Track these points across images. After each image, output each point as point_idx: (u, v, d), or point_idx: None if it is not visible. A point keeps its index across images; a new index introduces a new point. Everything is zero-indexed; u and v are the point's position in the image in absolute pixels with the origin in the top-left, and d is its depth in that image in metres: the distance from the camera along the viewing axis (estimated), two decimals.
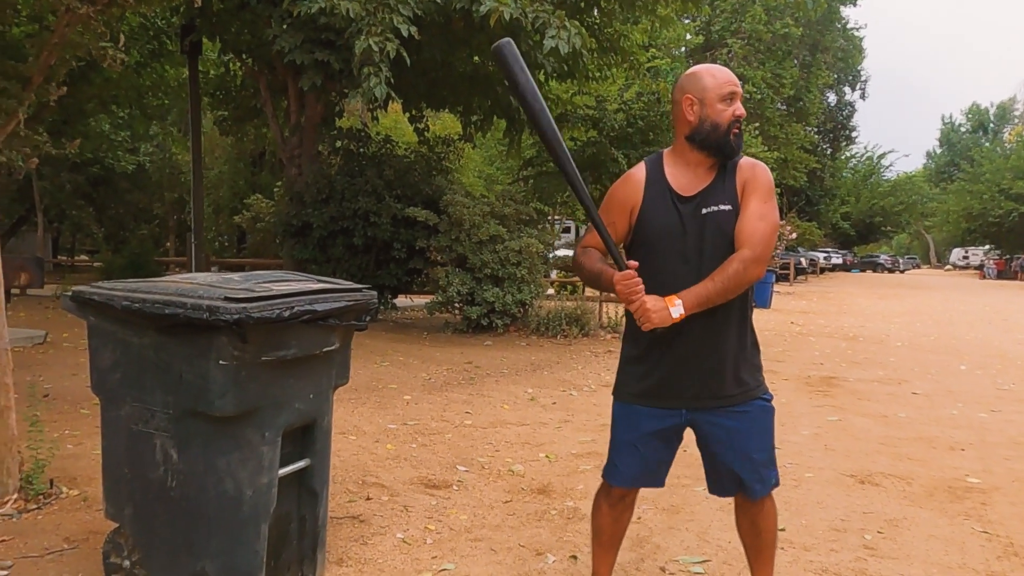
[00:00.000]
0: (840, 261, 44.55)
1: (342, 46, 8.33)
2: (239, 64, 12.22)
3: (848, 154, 47.84)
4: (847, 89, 44.21)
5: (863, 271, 47.74)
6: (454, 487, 3.71)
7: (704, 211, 2.10)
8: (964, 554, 3.00)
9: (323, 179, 10.36)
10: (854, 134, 46.17)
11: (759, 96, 25.89)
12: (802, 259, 31.99)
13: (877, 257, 53.07)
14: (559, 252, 16.40)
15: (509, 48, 2.11)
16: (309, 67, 8.78)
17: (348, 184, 10.14)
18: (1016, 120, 63.56)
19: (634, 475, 2.26)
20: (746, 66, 26.48)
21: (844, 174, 46.91)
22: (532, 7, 7.43)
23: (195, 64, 12.63)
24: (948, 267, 58.28)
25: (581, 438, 4.70)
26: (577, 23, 7.79)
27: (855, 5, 41.64)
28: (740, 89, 2.14)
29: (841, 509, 3.49)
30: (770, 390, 2.24)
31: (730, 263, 2.02)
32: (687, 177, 2.15)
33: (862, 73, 43.87)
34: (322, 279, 2.70)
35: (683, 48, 25.49)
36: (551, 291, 13.15)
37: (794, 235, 26.43)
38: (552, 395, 6.07)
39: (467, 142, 13.23)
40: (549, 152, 2.17)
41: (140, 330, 2.27)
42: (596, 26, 10.42)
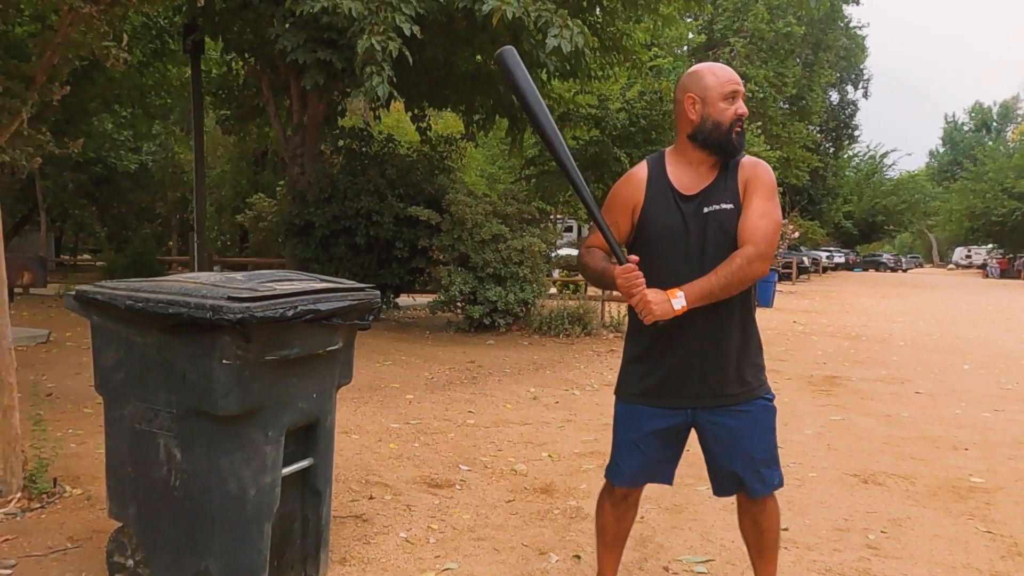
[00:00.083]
0: (843, 260, 44.54)
1: (344, 45, 8.34)
2: (241, 63, 12.23)
3: (851, 153, 47.79)
4: (850, 88, 44.20)
5: (866, 270, 47.72)
6: (457, 486, 3.71)
7: (706, 210, 2.09)
8: (968, 554, 2.99)
9: (325, 178, 10.37)
10: (856, 133, 46.15)
11: (761, 95, 25.86)
12: (804, 258, 31.96)
13: (880, 256, 53.05)
14: (561, 251, 16.39)
15: (511, 55, 2.15)
16: (311, 66, 8.79)
17: (350, 183, 10.14)
18: (1019, 119, 63.48)
19: (636, 474, 2.25)
20: (748, 65, 26.46)
21: (847, 173, 46.85)
22: (534, 6, 7.42)
23: (197, 63, 12.64)
24: (951, 266, 58.19)
25: (584, 437, 4.70)
26: (579, 22, 7.78)
27: (857, 3, 41.62)
28: (742, 88, 2.13)
29: (844, 509, 3.48)
30: (773, 389, 2.23)
31: (733, 258, 2.01)
32: (689, 176, 2.15)
33: (865, 72, 43.85)
34: (325, 278, 2.69)
35: (685, 47, 25.47)
36: (553, 290, 13.14)
37: (796, 234, 26.39)
38: (555, 394, 6.07)
39: (469, 141, 13.23)
40: (552, 154, 2.19)
41: (144, 329, 2.27)
42: (598, 25, 10.41)
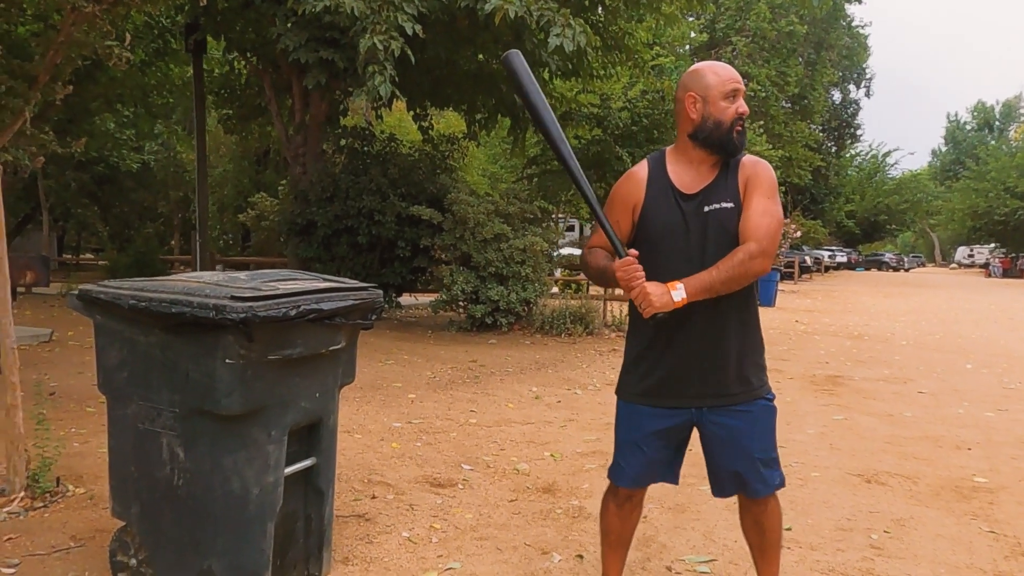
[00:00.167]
0: (845, 259, 44.52)
1: (346, 44, 8.34)
2: (243, 63, 12.23)
3: (853, 152, 47.73)
4: (852, 87, 44.16)
5: (868, 269, 47.69)
6: (459, 486, 3.71)
7: (706, 209, 2.09)
8: (971, 554, 2.99)
9: (327, 177, 10.37)
10: (859, 132, 46.09)
11: (764, 94, 25.85)
12: (807, 257, 31.94)
13: (882, 255, 53.01)
14: (563, 250, 16.38)
15: (517, 58, 2.16)
16: (313, 65, 8.79)
17: (352, 183, 10.15)
18: (1022, 118, 63.36)
19: (639, 475, 2.25)
20: (751, 64, 26.44)
21: (849, 172, 46.80)
22: (536, 5, 7.41)
23: (199, 62, 12.66)
24: (953, 265, 58.11)
25: (586, 437, 4.69)
26: (582, 21, 7.78)
27: (860, 2, 41.60)
28: (743, 86, 2.13)
29: (847, 508, 3.48)
30: (775, 389, 2.23)
31: (735, 253, 2.01)
32: (690, 175, 2.14)
33: (867, 71, 43.80)
34: (328, 278, 2.69)
35: (687, 46, 25.45)
36: (555, 289, 13.13)
37: (799, 233, 26.34)
38: (557, 394, 6.07)
39: (471, 140, 13.23)
40: (555, 155, 2.20)
41: (147, 329, 2.27)
42: (600, 24, 10.40)
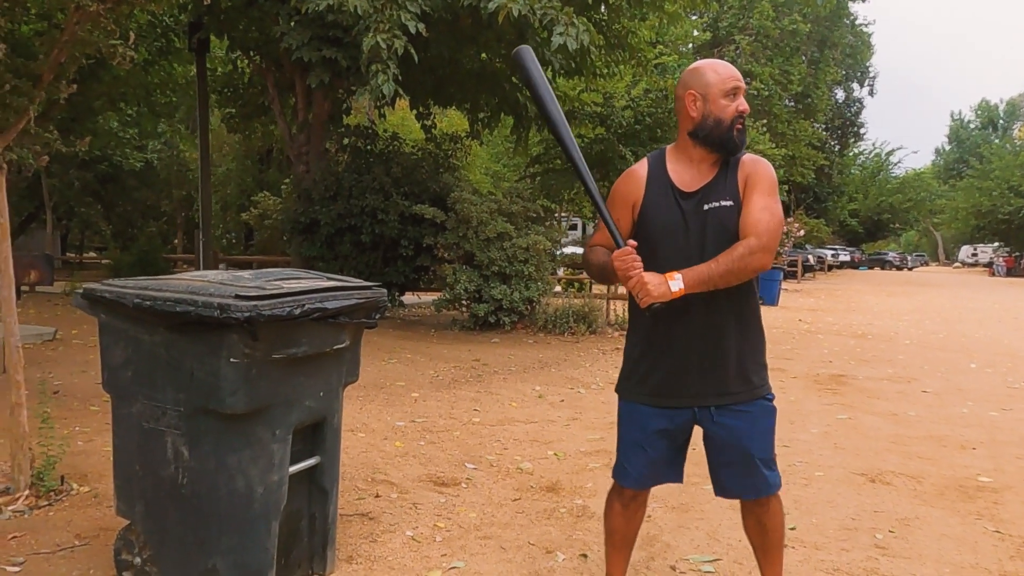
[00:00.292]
0: (848, 258, 44.45)
1: (349, 43, 8.34)
2: (247, 61, 12.24)
3: (856, 151, 47.61)
4: (855, 85, 44.02)
5: (871, 268, 47.59)
6: (463, 485, 3.71)
7: (706, 207, 2.09)
8: (976, 553, 2.98)
9: (331, 176, 10.37)
10: (862, 131, 45.97)
11: (767, 93, 25.77)
12: (810, 256, 31.93)
13: (885, 254, 52.91)
14: (566, 249, 16.37)
15: (527, 53, 2.17)
16: (317, 64, 8.79)
17: (355, 181, 10.15)
18: None
19: (643, 475, 2.24)
20: (754, 62, 26.38)
21: (852, 171, 46.69)
22: (540, 4, 7.40)
23: (203, 61, 12.67)
24: (957, 264, 57.98)
25: (589, 436, 4.69)
26: (585, 20, 7.76)
27: (863, 0, 41.45)
28: (743, 84, 2.13)
29: (852, 508, 3.47)
30: (779, 388, 2.24)
31: (735, 248, 2.00)
32: (690, 173, 2.14)
33: (870, 69, 43.68)
34: (332, 276, 2.69)
35: (690, 45, 25.40)
36: (558, 288, 13.13)
37: (802, 232, 26.31)
38: (560, 393, 6.06)
39: (474, 139, 13.23)
40: (561, 147, 2.20)
41: (151, 328, 2.27)
42: (604, 23, 10.39)
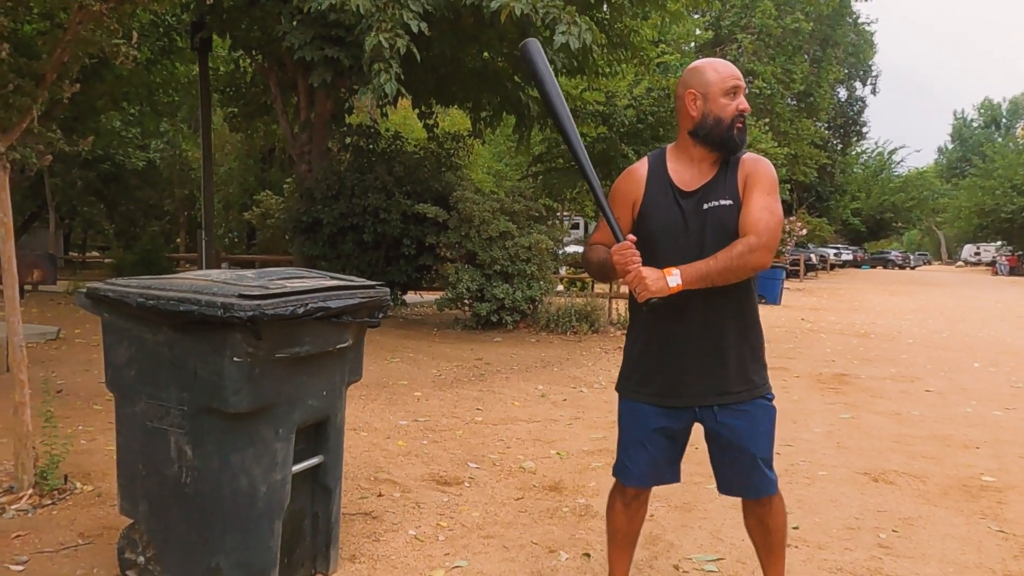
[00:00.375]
0: (850, 257, 44.42)
1: (352, 42, 8.34)
2: (249, 61, 12.24)
3: (859, 149, 47.54)
4: (858, 84, 43.95)
5: (873, 267, 47.50)
6: (465, 484, 3.71)
7: (705, 206, 2.09)
8: (980, 553, 2.98)
9: (333, 175, 10.37)
10: (865, 129, 45.88)
11: (769, 91, 25.75)
12: (812, 255, 31.88)
13: (888, 253, 52.83)
14: (568, 248, 16.39)
15: (535, 46, 2.17)
16: (319, 64, 8.79)
17: (358, 180, 10.15)
18: None
19: (646, 473, 2.24)
20: (756, 61, 26.34)
21: (855, 170, 46.64)
22: (542, 3, 7.40)
23: (205, 61, 12.68)
24: (959, 263, 57.87)
25: (592, 435, 4.69)
26: (587, 19, 7.76)
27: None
28: (743, 83, 2.12)
29: (855, 507, 3.47)
30: (782, 387, 2.24)
31: (735, 245, 2.00)
32: (690, 172, 2.14)
33: (873, 68, 43.60)
34: (335, 276, 2.69)
35: (693, 43, 25.38)
36: (561, 287, 13.13)
37: (804, 231, 26.30)
38: (562, 392, 6.06)
39: (476, 138, 13.22)
40: (565, 141, 2.19)
41: (155, 327, 2.27)
42: (606, 21, 10.38)
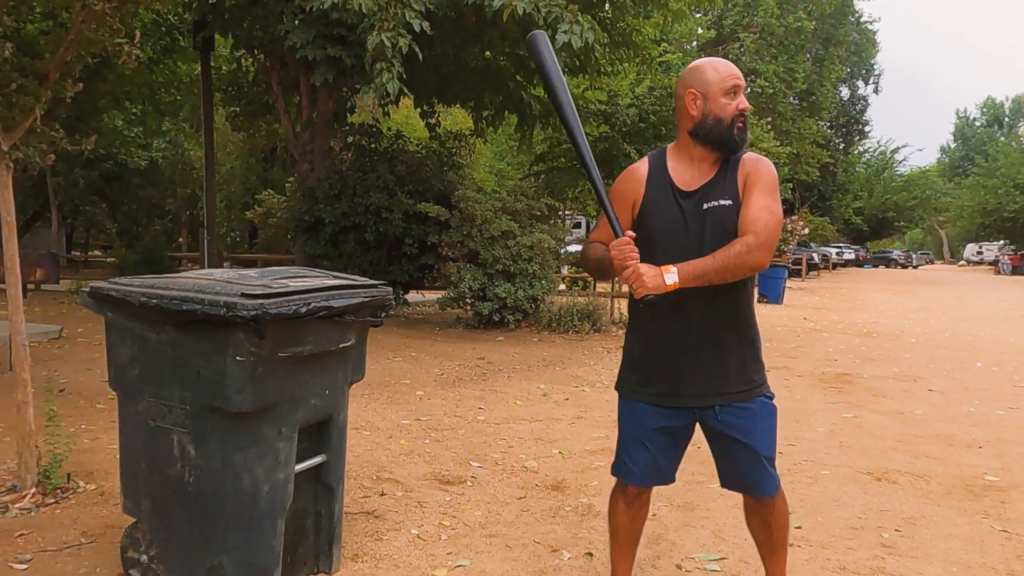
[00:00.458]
0: (852, 257, 44.35)
1: (354, 42, 8.34)
2: (251, 60, 12.24)
3: (861, 148, 47.48)
4: (860, 83, 43.89)
5: (876, 267, 47.46)
6: (468, 483, 3.71)
7: (705, 206, 2.09)
8: (984, 553, 2.97)
9: (335, 175, 10.38)
10: (867, 128, 45.83)
11: (771, 91, 25.73)
12: (814, 254, 31.83)
13: (890, 252, 52.76)
14: (570, 248, 16.38)
15: (543, 39, 2.18)
16: (321, 63, 8.79)
17: (360, 180, 10.15)
18: None
19: (646, 473, 2.24)
20: (758, 60, 26.32)
21: (857, 169, 46.56)
22: (544, 2, 7.39)
23: (207, 60, 12.68)
24: (962, 263, 57.80)
25: (594, 434, 4.69)
26: (589, 18, 7.75)
27: None
28: (743, 82, 2.12)
29: (858, 507, 3.46)
30: (784, 386, 2.24)
31: (733, 244, 2.00)
32: (690, 172, 2.14)
33: (875, 67, 43.54)
34: (338, 275, 2.69)
35: (695, 42, 25.36)
36: (563, 287, 13.13)
37: (806, 230, 26.26)
38: (564, 391, 6.06)
39: (478, 137, 13.22)
40: (568, 134, 2.18)
41: (158, 326, 2.27)
42: (608, 20, 10.37)
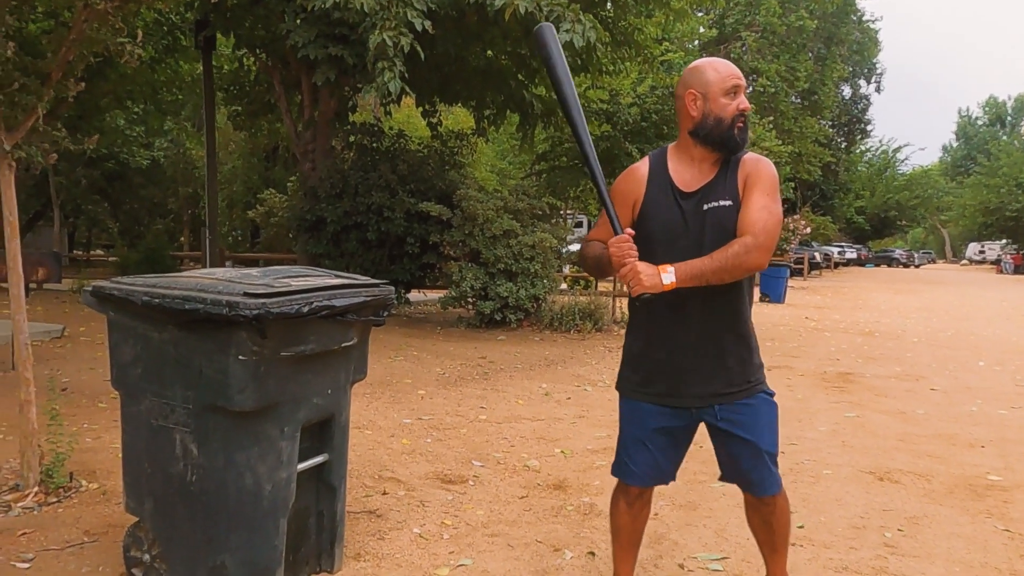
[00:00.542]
0: (854, 256, 44.24)
1: (356, 41, 8.34)
2: (253, 59, 12.25)
3: (863, 148, 47.39)
4: (862, 82, 43.79)
5: (877, 266, 47.38)
6: (470, 482, 3.71)
7: (705, 207, 2.09)
8: (986, 552, 2.97)
9: (337, 174, 10.38)
10: (869, 127, 45.71)
11: (773, 89, 25.69)
12: (816, 254, 31.78)
13: (892, 252, 52.66)
14: (572, 247, 16.37)
15: (549, 31, 2.18)
16: (323, 62, 8.79)
17: (361, 179, 10.15)
18: None
19: (646, 473, 2.25)
20: (760, 59, 26.29)
21: (859, 168, 46.49)
22: (546, 1, 7.39)
23: (209, 59, 12.68)
24: (964, 262, 57.72)
25: (596, 433, 4.68)
26: (591, 17, 7.75)
27: None
28: (744, 82, 2.12)
29: (860, 506, 3.46)
30: (786, 385, 2.24)
31: (731, 245, 2.00)
32: (690, 173, 2.14)
33: (877, 66, 43.46)
34: (340, 274, 2.69)
35: (696, 41, 25.33)
36: (564, 286, 13.12)
37: (808, 229, 26.22)
38: (566, 390, 6.06)
39: (480, 136, 13.21)
40: (572, 128, 2.19)
41: (160, 325, 2.27)
42: (610, 19, 10.37)
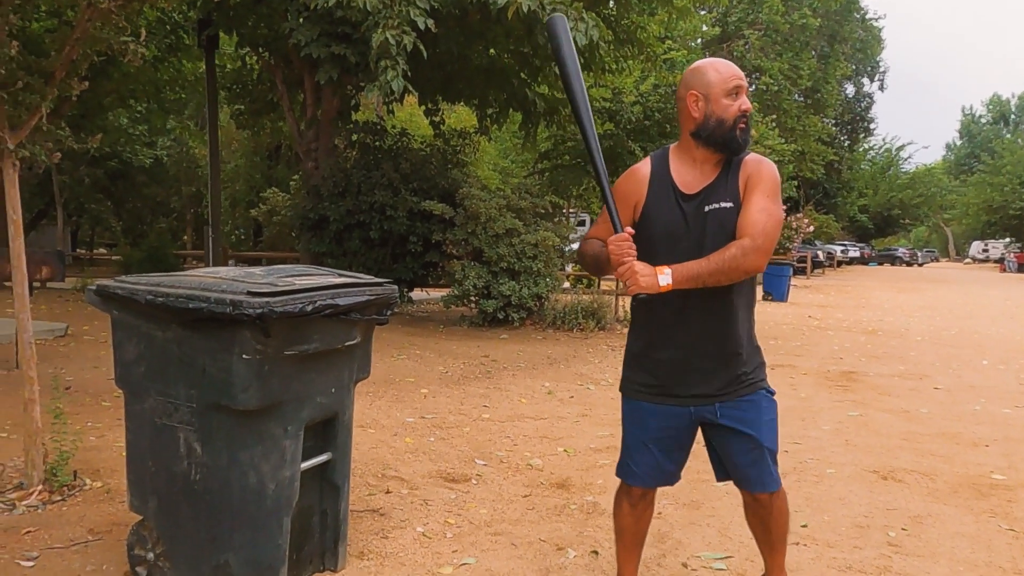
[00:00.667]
0: (857, 254, 44.14)
1: (358, 39, 8.33)
2: (256, 58, 12.25)
3: (866, 146, 47.30)
4: (865, 80, 43.68)
5: (881, 264, 47.28)
6: (473, 481, 3.71)
7: (707, 208, 2.08)
8: (991, 552, 2.96)
9: (339, 173, 10.38)
10: (872, 126, 45.62)
11: (776, 88, 25.65)
12: (819, 252, 31.72)
13: (895, 250, 52.54)
14: (574, 245, 16.37)
15: (561, 22, 2.18)
16: (325, 61, 8.79)
17: (364, 178, 10.15)
18: None
19: (648, 474, 2.25)
20: (763, 57, 26.25)
21: (862, 166, 46.41)
22: None
23: (212, 58, 12.69)
24: (967, 260, 57.60)
25: (599, 432, 4.68)
26: (594, 15, 7.74)
27: None
28: (745, 83, 2.11)
29: (864, 505, 3.45)
30: (789, 384, 2.24)
31: (728, 248, 2.00)
32: (692, 174, 2.13)
33: (880, 64, 43.35)
34: (343, 273, 2.69)
35: (699, 40, 25.28)
36: (567, 284, 13.12)
37: (811, 228, 26.17)
38: (569, 389, 6.06)
39: (483, 135, 13.20)
40: (578, 125, 2.18)
41: (164, 324, 2.28)
42: (613, 18, 10.35)
